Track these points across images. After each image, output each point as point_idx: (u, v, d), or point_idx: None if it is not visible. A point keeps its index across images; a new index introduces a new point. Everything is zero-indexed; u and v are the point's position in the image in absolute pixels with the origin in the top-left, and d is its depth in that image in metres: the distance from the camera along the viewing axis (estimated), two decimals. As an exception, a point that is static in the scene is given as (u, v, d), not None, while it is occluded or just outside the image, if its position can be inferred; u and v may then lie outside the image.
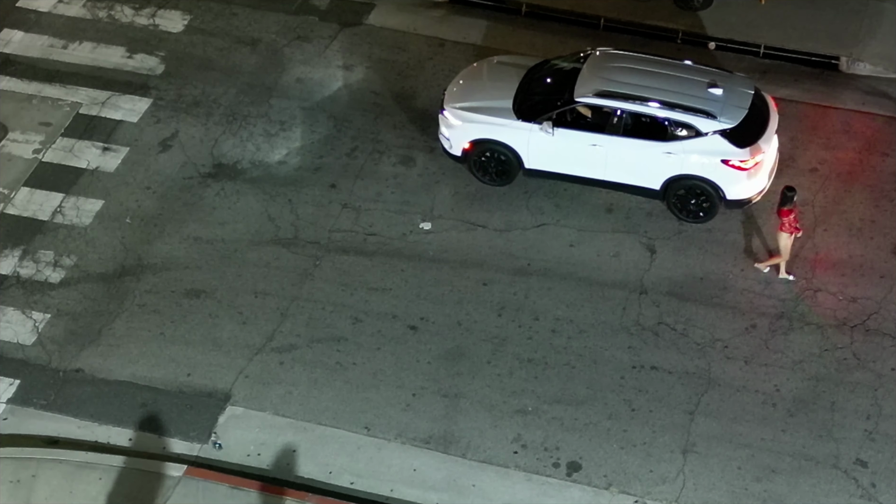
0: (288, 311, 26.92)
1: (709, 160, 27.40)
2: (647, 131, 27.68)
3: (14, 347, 26.48)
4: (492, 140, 28.48)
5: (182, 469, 24.08)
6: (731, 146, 27.28)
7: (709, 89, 27.65)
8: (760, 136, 27.60)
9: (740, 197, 27.82)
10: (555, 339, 26.32)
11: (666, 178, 27.82)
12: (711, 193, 27.72)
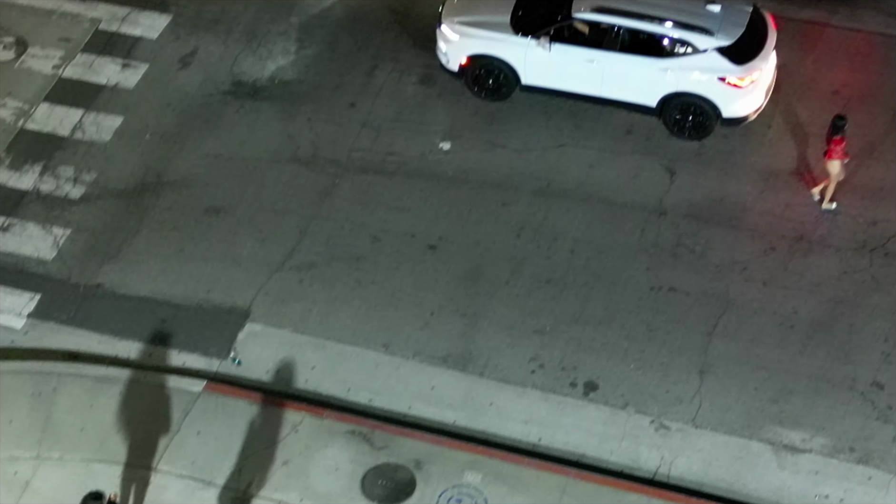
0: (307, 229, 26.97)
1: (705, 77, 27.28)
2: (644, 48, 27.54)
3: (35, 262, 26.60)
4: (489, 55, 28.36)
5: (201, 384, 24.25)
6: (729, 63, 27.17)
7: (706, 6, 27.51)
8: (758, 53, 27.47)
9: (736, 115, 27.72)
10: (573, 259, 26.34)
11: (662, 95, 27.72)
12: (707, 111, 27.62)
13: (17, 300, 25.93)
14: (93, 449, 23.24)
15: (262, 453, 23.15)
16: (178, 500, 22.45)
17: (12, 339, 25.31)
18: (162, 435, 23.43)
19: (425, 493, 22.59)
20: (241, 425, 23.54)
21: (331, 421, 23.62)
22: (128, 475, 22.83)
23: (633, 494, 22.52)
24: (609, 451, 23.44)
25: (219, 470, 22.91)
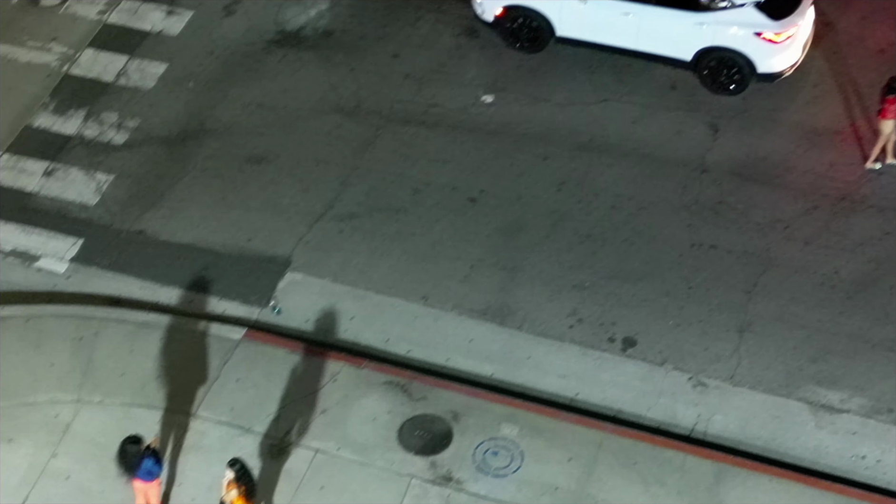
0: (348, 179, 27.01)
1: (742, 32, 27.08)
2: (679, 1, 27.35)
3: (78, 207, 26.76)
4: (524, 6, 28.24)
5: (241, 332, 24.37)
6: (765, 18, 26.96)
7: None
8: (795, 9, 27.24)
9: (772, 70, 27.52)
10: (614, 215, 26.29)
11: (697, 49, 27.54)
12: (743, 66, 27.44)
13: (59, 245, 26.12)
14: (133, 393, 23.43)
15: (301, 402, 23.28)
16: (216, 445, 22.61)
17: (55, 284, 25.51)
18: (201, 381, 23.58)
19: (462, 445, 22.68)
20: (280, 373, 23.67)
21: (369, 371, 23.72)
22: (167, 420, 23.01)
23: (669, 451, 22.54)
24: (646, 408, 23.45)
25: (257, 417, 23.05)
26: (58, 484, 22.23)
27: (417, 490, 22.12)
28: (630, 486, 22.07)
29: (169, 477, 22.19)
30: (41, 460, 22.53)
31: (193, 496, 22.07)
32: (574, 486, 22.09)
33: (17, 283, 25.52)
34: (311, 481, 22.27)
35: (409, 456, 22.56)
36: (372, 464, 22.46)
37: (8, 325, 24.40)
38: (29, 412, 23.18)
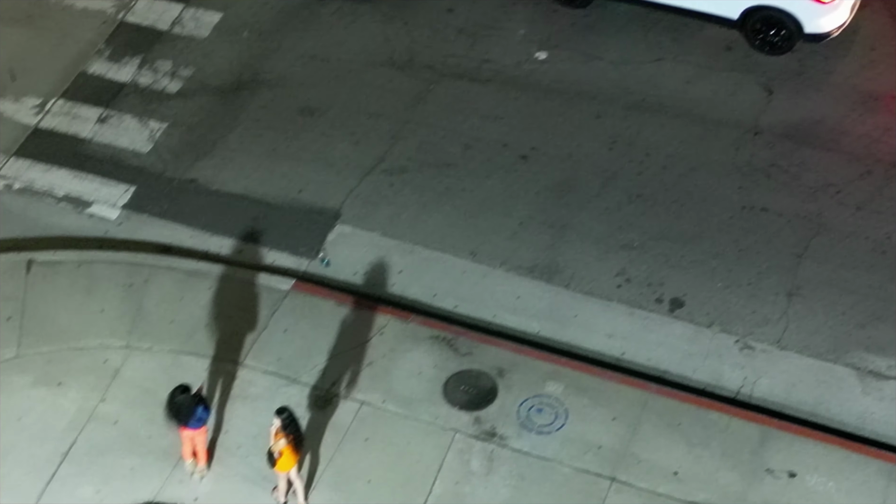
0: (400, 133, 27.02)
1: None
2: None
3: (131, 154, 26.93)
4: None
5: (290, 283, 24.50)
6: None
7: None
8: None
9: (819, 31, 27.23)
10: (665, 175, 26.19)
11: (744, 7, 27.26)
12: (789, 26, 27.17)
13: (112, 191, 26.31)
14: (181, 341, 23.62)
15: (347, 354, 23.40)
16: (263, 395, 22.78)
17: (106, 230, 25.71)
18: (249, 331, 23.74)
19: (506, 402, 22.75)
20: (327, 325, 23.79)
21: (416, 325, 23.80)
22: (215, 368, 23.20)
23: (714, 413, 22.52)
24: (692, 369, 23.43)
25: (304, 368, 23.20)
26: (106, 428, 22.48)
27: (461, 445, 22.23)
28: (674, 447, 22.09)
29: (216, 424, 22.39)
30: (90, 404, 22.77)
31: (239, 444, 22.27)
32: (617, 446, 22.13)
33: (69, 229, 25.74)
34: (355, 433, 22.42)
35: (454, 411, 22.66)
36: (416, 417, 22.58)
37: (59, 270, 24.64)
38: (78, 356, 23.43)
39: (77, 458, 22.13)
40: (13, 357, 23.43)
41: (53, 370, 23.22)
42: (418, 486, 21.72)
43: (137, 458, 22.11)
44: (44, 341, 23.62)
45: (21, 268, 24.66)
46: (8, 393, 22.89)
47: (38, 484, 21.79)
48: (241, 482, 21.82)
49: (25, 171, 26.69)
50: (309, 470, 21.89)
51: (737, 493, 21.51)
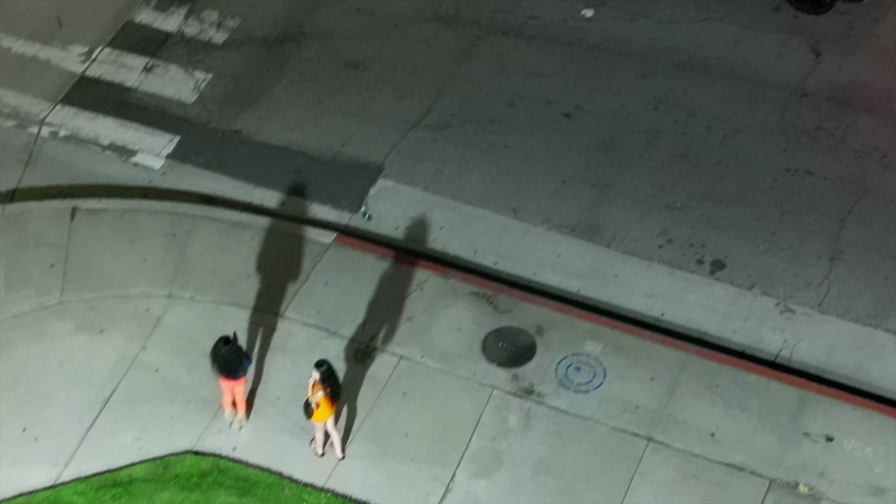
0: (444, 89, 26.98)
1: None
2: None
3: (176, 104, 27.01)
4: None
5: (331, 236, 24.57)
6: None
7: None
8: None
9: None
10: (709, 136, 26.07)
11: None
12: None
13: (157, 141, 26.42)
14: (223, 291, 23.75)
15: (387, 308, 23.48)
16: (303, 347, 22.91)
17: (150, 179, 25.84)
18: (290, 283, 23.85)
19: (545, 359, 22.79)
20: (368, 279, 23.87)
21: (456, 281, 23.84)
22: (255, 319, 23.33)
23: (752, 375, 22.50)
24: (731, 331, 23.39)
25: (343, 321, 23.30)
26: (147, 376, 22.67)
27: (499, 401, 22.30)
28: (711, 409, 22.09)
29: (255, 375, 22.54)
30: (131, 352, 22.96)
31: (278, 395, 22.41)
32: (655, 406, 22.15)
33: (113, 177, 25.88)
34: (394, 387, 22.53)
35: (492, 367, 22.73)
36: (455, 373, 22.65)
37: (103, 218, 24.79)
38: (121, 304, 23.61)
39: (118, 406, 22.33)
40: (56, 303, 23.64)
41: (96, 317, 23.40)
42: (455, 442, 21.83)
43: (177, 406, 22.29)
44: (86, 288, 23.80)
45: (65, 215, 24.83)
46: (50, 339, 23.10)
47: (79, 430, 22.02)
48: (279, 433, 21.98)
49: (71, 118, 26.83)
50: (347, 422, 22.03)
51: (773, 457, 21.51)
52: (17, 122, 26.74)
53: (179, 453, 21.78)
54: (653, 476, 21.36)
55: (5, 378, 22.55)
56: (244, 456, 21.73)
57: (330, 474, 21.52)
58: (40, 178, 25.79)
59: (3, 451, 21.71)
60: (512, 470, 21.53)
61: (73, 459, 21.71)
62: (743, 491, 21.17)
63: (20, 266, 24.04)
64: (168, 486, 21.31)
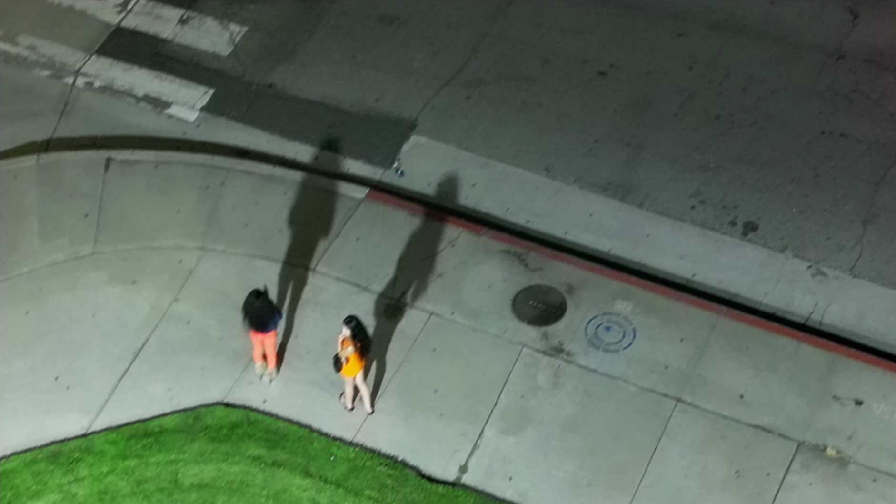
0: (479, 45, 26.92)
1: None
2: None
3: (210, 57, 27.03)
4: None
5: (364, 192, 24.61)
6: None
7: None
8: None
9: None
10: (745, 97, 25.94)
11: None
12: None
13: (191, 93, 26.46)
14: (255, 245, 23.84)
15: (418, 264, 23.53)
16: (334, 301, 22.99)
17: (184, 132, 25.90)
18: (322, 237, 23.91)
19: (575, 318, 22.81)
20: (400, 235, 23.91)
21: (487, 239, 23.86)
22: (286, 273, 23.41)
23: (782, 338, 22.48)
24: (763, 293, 23.35)
25: (374, 276, 23.36)
26: (178, 328, 22.80)
27: (528, 359, 22.36)
28: (741, 370, 22.09)
29: (286, 329, 22.65)
30: (163, 304, 23.09)
31: (309, 349, 22.52)
32: (684, 367, 22.17)
33: (147, 129, 25.96)
34: (423, 343, 22.60)
35: (522, 325, 22.77)
36: (485, 330, 22.71)
37: (137, 169, 24.89)
38: (154, 256, 23.73)
39: (149, 356, 22.49)
40: (89, 254, 23.77)
41: (128, 268, 23.54)
42: (484, 398, 21.91)
43: (208, 358, 22.43)
44: (120, 239, 23.93)
45: (99, 166, 24.94)
46: (83, 289, 23.25)
47: (111, 380, 22.19)
48: (309, 386, 22.10)
49: (106, 69, 26.91)
50: (376, 377, 22.12)
51: (802, 419, 21.52)
52: (52, 71, 26.83)
53: (210, 405, 21.93)
54: (681, 436, 21.40)
55: (38, 327, 22.73)
56: (274, 409, 21.88)
57: (359, 428, 21.64)
58: (75, 128, 25.89)
59: (36, 400, 21.92)
60: (540, 428, 21.60)
61: (104, 409, 21.89)
62: (771, 453, 21.19)
63: (54, 216, 24.19)
64: (198, 438, 21.48)
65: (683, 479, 20.97)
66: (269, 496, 20.88)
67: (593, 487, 20.97)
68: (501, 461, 21.25)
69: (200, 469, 21.18)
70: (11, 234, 23.90)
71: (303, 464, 21.19)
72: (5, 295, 23.09)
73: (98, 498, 20.90)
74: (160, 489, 20.99)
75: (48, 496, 20.94)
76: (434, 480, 21.09)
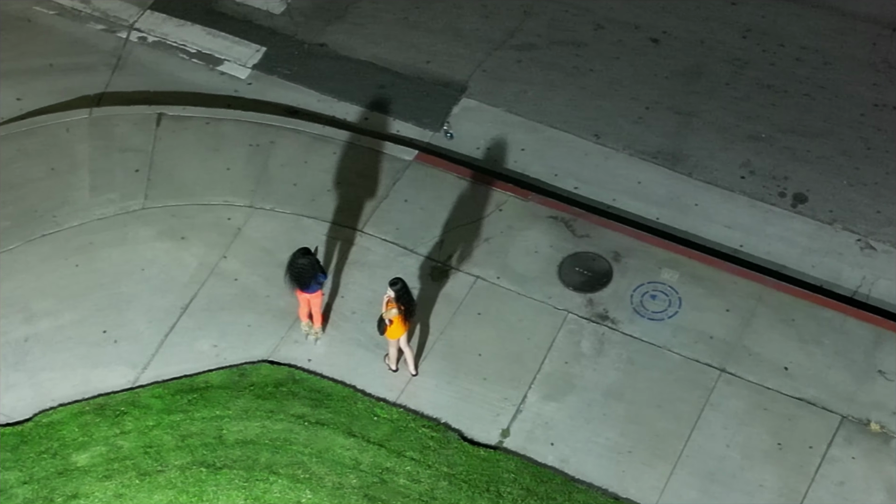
0: (531, 9, 26.84)
1: None
2: None
3: (263, 15, 27.08)
4: None
5: (412, 154, 24.63)
6: None
7: None
8: None
9: None
10: (798, 67, 25.78)
11: None
12: None
13: (243, 51, 26.53)
14: (303, 204, 23.92)
15: (465, 228, 23.56)
16: (380, 263, 23.07)
17: (236, 89, 25.98)
18: (370, 199, 23.98)
19: (620, 286, 22.81)
20: (447, 198, 23.95)
21: (534, 204, 23.86)
22: (334, 233, 23.49)
23: (829, 311, 22.41)
24: (810, 265, 23.28)
25: (421, 239, 23.41)
26: (226, 285, 22.94)
27: (573, 325, 22.39)
28: (786, 342, 22.04)
29: (332, 289, 22.75)
30: (211, 260, 23.23)
31: (354, 309, 22.63)
32: (729, 337, 22.14)
33: (199, 85, 26.05)
34: (469, 306, 22.66)
35: (567, 291, 22.78)
36: (530, 295, 22.74)
37: (188, 125, 25.00)
38: (202, 212, 23.86)
39: (196, 312, 22.65)
40: (139, 208, 23.93)
41: (177, 224, 23.68)
42: (528, 364, 21.97)
43: (255, 315, 22.57)
44: (169, 195, 24.07)
45: (151, 121, 25.07)
46: (133, 243, 23.42)
47: (158, 335, 22.37)
48: (354, 347, 22.21)
49: (160, 24, 27.00)
50: (420, 340, 22.21)
51: (846, 393, 21.47)
52: (106, 26, 26.95)
53: (255, 362, 22.09)
54: (724, 407, 21.41)
55: (87, 280, 22.93)
56: (319, 368, 22.01)
57: (402, 390, 21.75)
58: (127, 83, 26.02)
59: (84, 352, 22.14)
60: (583, 394, 21.65)
61: (151, 363, 22.09)
62: (814, 426, 21.17)
63: (105, 170, 24.35)
64: (243, 394, 21.65)
65: (725, 450, 20.99)
66: (311, 455, 21.04)
67: (634, 455, 21.02)
68: (543, 426, 21.33)
69: (245, 426, 21.36)
70: (62, 188, 24.09)
71: (346, 423, 21.34)
72: (55, 248, 23.31)
73: (143, 451, 21.13)
74: (204, 444, 21.19)
75: (94, 448, 21.18)
76: (476, 444, 21.19)
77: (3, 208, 23.75)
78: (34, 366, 21.96)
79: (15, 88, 25.78)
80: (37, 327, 22.37)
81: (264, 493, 20.69)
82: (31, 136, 24.84)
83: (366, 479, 20.77)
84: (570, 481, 20.77)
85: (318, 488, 20.74)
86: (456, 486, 20.72)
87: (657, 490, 20.68)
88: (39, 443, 21.16)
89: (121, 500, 20.66)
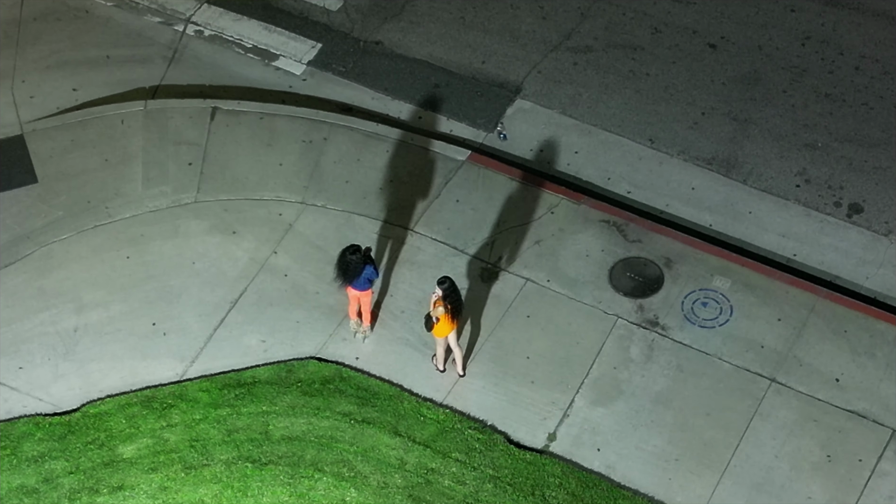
0: (589, 11, 26.70)
1: None
2: None
3: (320, 11, 27.07)
4: None
5: (465, 154, 24.56)
6: None
7: None
8: None
9: None
10: (857, 76, 25.52)
11: None
12: None
13: (299, 47, 26.53)
14: (355, 202, 23.90)
15: (516, 230, 23.47)
16: (430, 262, 23.02)
17: (290, 85, 25.99)
18: (421, 198, 23.93)
19: (671, 292, 22.66)
20: (499, 199, 23.86)
21: (587, 207, 23.74)
22: (385, 232, 23.46)
23: (882, 323, 22.17)
24: (864, 277, 23.04)
25: (472, 240, 23.34)
26: (276, 280, 22.96)
27: (622, 331, 22.26)
28: (838, 354, 21.83)
29: (382, 287, 22.72)
30: (262, 255, 23.25)
31: (403, 308, 22.58)
32: (780, 347, 21.95)
33: (254, 80, 26.07)
34: (518, 308, 22.57)
35: (618, 296, 22.65)
36: (580, 299, 22.62)
37: (242, 120, 25.03)
38: (254, 207, 23.88)
39: (246, 307, 22.67)
40: (192, 202, 23.99)
41: (229, 218, 23.71)
42: (576, 368, 21.86)
43: (304, 312, 22.57)
44: (222, 189, 24.11)
45: (205, 115, 25.12)
46: (184, 236, 23.47)
47: (207, 328, 22.41)
48: (402, 346, 22.18)
49: (217, 18, 27.05)
50: (469, 341, 22.14)
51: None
52: (163, 18, 27.03)
53: (303, 359, 22.09)
54: (773, 417, 21.22)
55: (138, 272, 23.00)
56: (366, 366, 21.99)
57: (449, 391, 21.69)
58: (183, 76, 26.08)
59: (133, 344, 22.21)
60: (631, 400, 21.52)
61: (199, 357, 22.13)
62: (864, 438, 20.96)
63: (159, 162, 24.42)
64: (290, 390, 21.66)
65: (774, 460, 20.81)
66: (357, 453, 21.02)
67: (681, 463, 20.88)
68: (590, 431, 21.22)
69: (291, 422, 21.36)
70: (116, 179, 24.18)
71: (392, 423, 21.30)
72: (107, 239, 23.39)
73: (189, 444, 21.17)
74: (251, 440, 21.21)
75: (140, 440, 21.24)
76: (522, 447, 21.11)
77: (56, 198, 23.87)
78: (83, 356, 22.06)
79: (72, 79, 25.90)
80: (87, 318, 22.46)
81: (309, 491, 20.70)
82: (87, 126, 24.95)
83: (411, 480, 20.73)
84: (616, 487, 20.66)
85: (362, 487, 20.72)
86: (501, 490, 20.65)
87: (703, 499, 20.53)
88: (86, 433, 21.25)
89: (166, 492, 20.72)
